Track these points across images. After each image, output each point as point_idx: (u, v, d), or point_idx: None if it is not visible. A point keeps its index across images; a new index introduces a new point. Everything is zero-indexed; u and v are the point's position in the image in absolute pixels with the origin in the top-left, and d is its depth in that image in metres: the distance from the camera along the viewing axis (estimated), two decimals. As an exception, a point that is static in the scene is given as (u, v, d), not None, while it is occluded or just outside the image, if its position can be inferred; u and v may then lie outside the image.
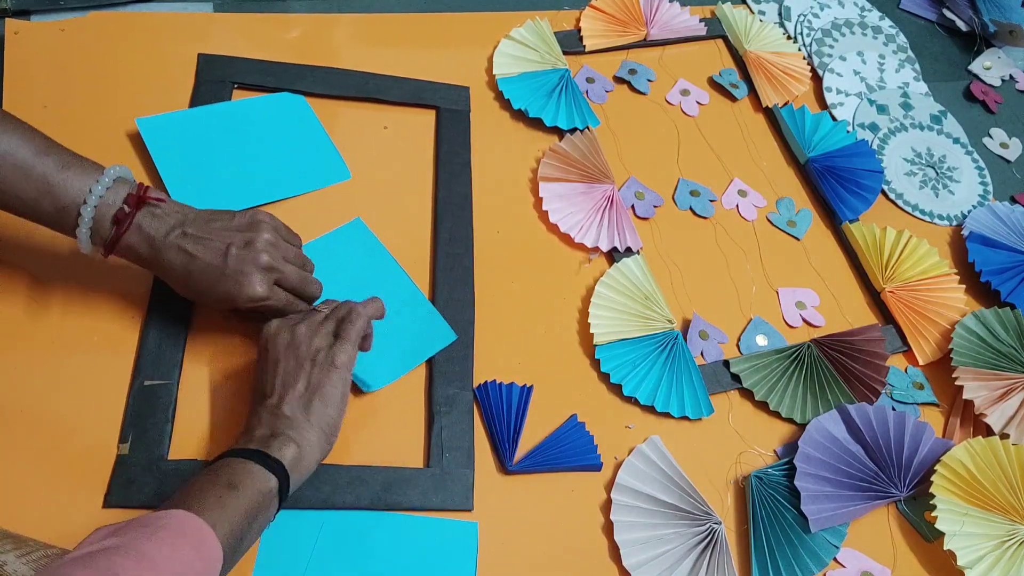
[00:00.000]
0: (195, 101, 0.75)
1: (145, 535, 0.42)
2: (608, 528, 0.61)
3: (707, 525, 0.62)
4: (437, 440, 0.62)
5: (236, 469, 0.50)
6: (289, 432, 0.53)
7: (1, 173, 0.52)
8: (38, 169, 0.53)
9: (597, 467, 0.64)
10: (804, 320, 0.77)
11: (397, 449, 0.62)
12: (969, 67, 1.04)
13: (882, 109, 0.95)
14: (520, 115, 0.83)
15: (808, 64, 0.97)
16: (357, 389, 0.63)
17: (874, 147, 0.91)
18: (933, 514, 0.64)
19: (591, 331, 0.69)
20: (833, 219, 0.85)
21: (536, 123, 0.83)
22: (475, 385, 0.65)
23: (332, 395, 0.56)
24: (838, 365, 0.72)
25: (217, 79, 0.77)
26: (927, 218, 0.88)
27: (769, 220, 0.84)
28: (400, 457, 0.62)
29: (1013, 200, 0.91)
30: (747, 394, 0.71)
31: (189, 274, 0.57)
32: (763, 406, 0.70)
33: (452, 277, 0.70)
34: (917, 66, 1.02)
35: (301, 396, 0.55)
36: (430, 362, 0.66)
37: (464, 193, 0.76)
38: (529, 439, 0.64)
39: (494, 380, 0.66)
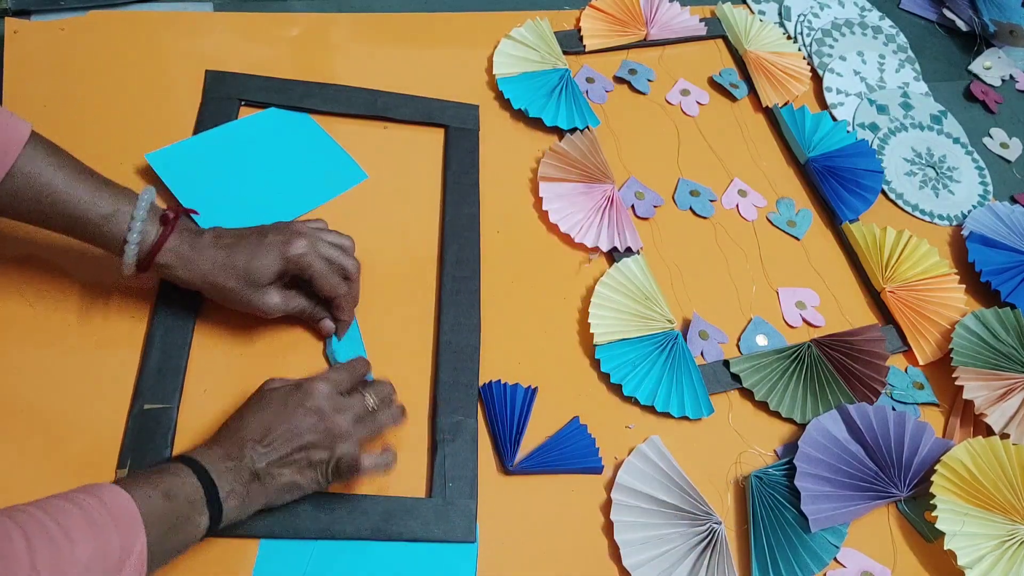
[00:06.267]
0: (202, 118, 0.74)
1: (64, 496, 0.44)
2: (608, 528, 0.61)
3: (707, 525, 0.62)
4: (440, 469, 0.60)
5: (178, 483, 0.49)
6: (249, 487, 0.52)
7: (41, 203, 0.54)
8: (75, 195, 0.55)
9: (598, 470, 0.64)
10: (804, 320, 0.77)
11: (399, 478, 0.60)
12: (969, 67, 1.05)
13: (882, 109, 0.95)
14: (520, 115, 0.83)
15: (808, 64, 0.97)
16: None
17: (874, 147, 0.91)
18: (933, 514, 0.64)
19: (591, 331, 0.69)
20: (833, 219, 0.85)
21: (536, 123, 0.83)
22: (480, 384, 0.65)
23: (304, 488, 0.55)
24: (838, 365, 0.72)
25: (224, 96, 0.76)
26: (927, 218, 0.88)
27: (769, 220, 0.84)
28: (402, 486, 0.60)
29: (1013, 200, 0.91)
30: (747, 394, 0.71)
31: (229, 256, 0.58)
32: (763, 406, 0.70)
33: (458, 301, 0.69)
34: (917, 66, 1.02)
35: (286, 465, 0.53)
36: (434, 389, 0.65)
37: (472, 214, 0.74)
38: (529, 439, 0.64)
39: (499, 380, 0.65)
